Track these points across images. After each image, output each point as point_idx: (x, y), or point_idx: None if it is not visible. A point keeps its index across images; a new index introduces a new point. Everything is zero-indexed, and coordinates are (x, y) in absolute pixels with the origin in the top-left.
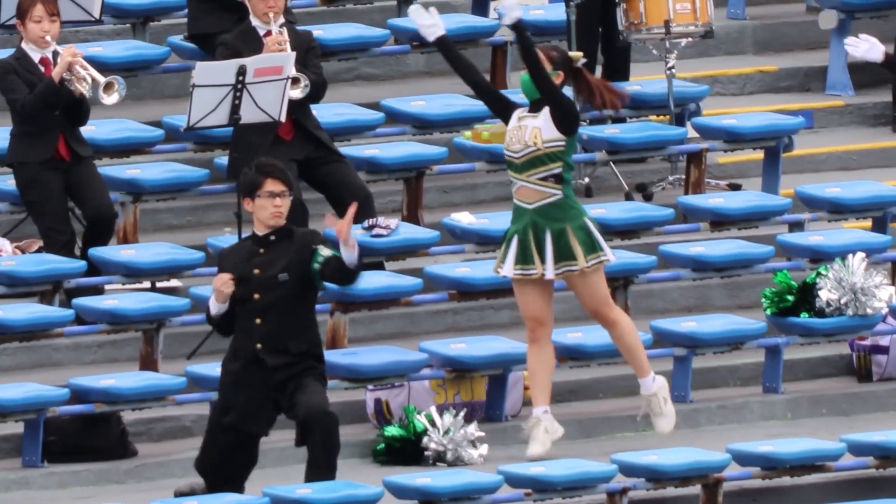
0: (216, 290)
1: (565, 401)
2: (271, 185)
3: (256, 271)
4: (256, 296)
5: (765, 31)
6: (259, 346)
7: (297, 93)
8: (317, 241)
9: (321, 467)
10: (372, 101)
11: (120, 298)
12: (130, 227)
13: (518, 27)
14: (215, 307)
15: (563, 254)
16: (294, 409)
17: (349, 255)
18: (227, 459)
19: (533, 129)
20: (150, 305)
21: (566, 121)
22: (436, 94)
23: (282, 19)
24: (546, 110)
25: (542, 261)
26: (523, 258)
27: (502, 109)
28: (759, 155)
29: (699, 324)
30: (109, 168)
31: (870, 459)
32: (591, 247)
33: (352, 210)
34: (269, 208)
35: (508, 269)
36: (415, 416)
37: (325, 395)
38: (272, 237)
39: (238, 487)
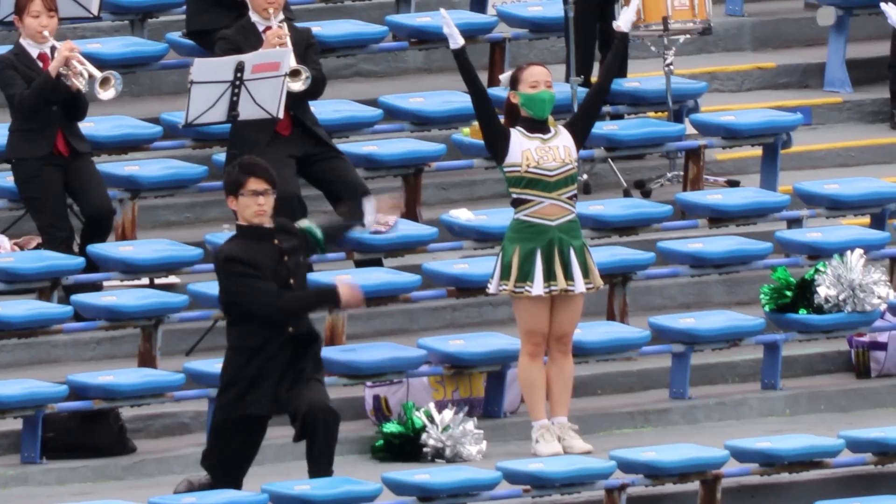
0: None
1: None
2: (254, 184)
3: (286, 258)
4: (292, 281)
5: (763, 27)
6: (291, 329)
7: (297, 85)
8: (292, 226)
9: (323, 462)
10: (370, 97)
11: (118, 295)
12: (129, 223)
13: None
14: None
15: (585, 271)
16: (295, 402)
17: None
18: (239, 457)
19: (565, 148)
20: (148, 302)
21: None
22: (434, 91)
23: (281, 15)
24: (565, 131)
25: (568, 276)
26: (549, 275)
27: (499, 137)
28: (758, 151)
29: (697, 320)
30: (108, 165)
31: (868, 456)
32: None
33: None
34: (253, 206)
35: (539, 288)
36: (413, 412)
37: (326, 391)
38: (271, 228)
39: (237, 483)
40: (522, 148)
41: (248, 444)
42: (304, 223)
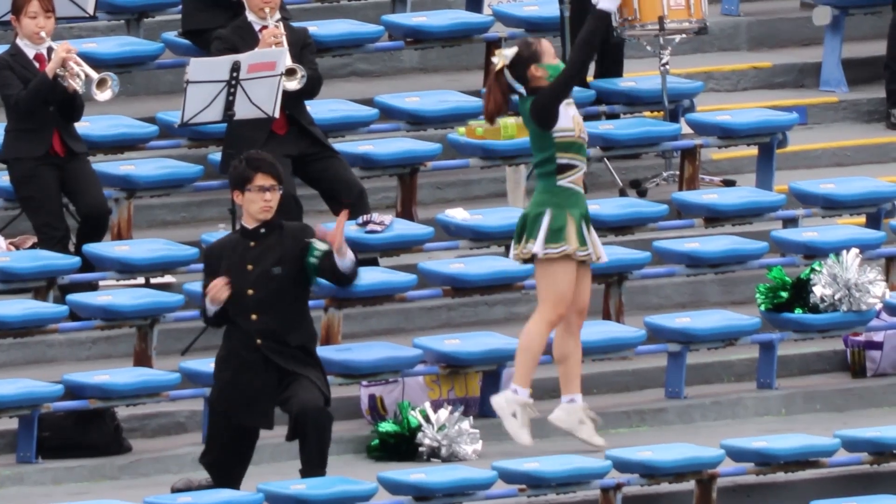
0: (212, 297)
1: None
2: (261, 180)
3: (250, 267)
4: (250, 291)
5: (759, 27)
6: (259, 341)
7: (293, 84)
8: (309, 234)
9: (314, 464)
10: (366, 97)
11: (114, 294)
12: (124, 223)
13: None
14: (211, 308)
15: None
16: (288, 402)
17: (342, 262)
18: (232, 454)
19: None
20: (144, 301)
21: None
22: (430, 91)
23: (278, 15)
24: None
25: (596, 245)
26: (582, 241)
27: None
28: (753, 151)
29: (693, 320)
30: (103, 164)
31: (864, 455)
32: None
33: (342, 219)
34: (259, 202)
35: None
36: (409, 412)
37: (320, 392)
38: (262, 230)
39: (236, 483)
40: (570, 113)
41: (240, 444)
42: (317, 243)
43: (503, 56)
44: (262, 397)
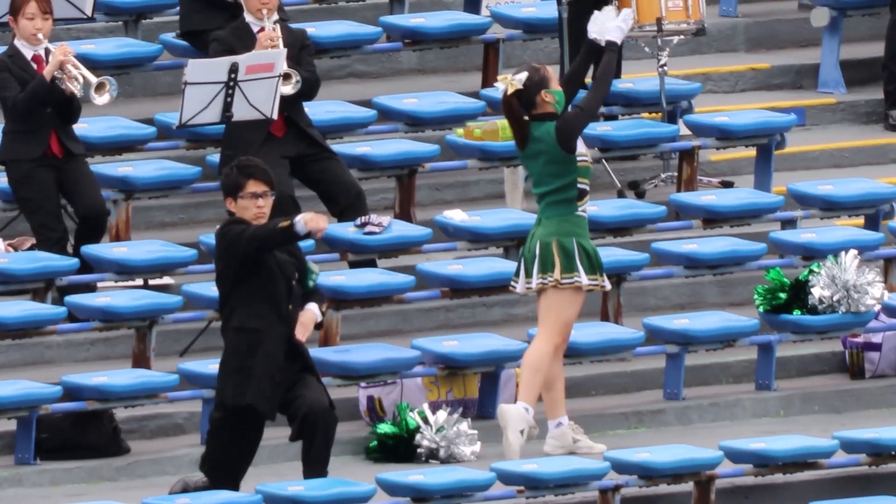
0: (314, 222)
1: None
2: (253, 186)
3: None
4: (294, 282)
5: (757, 28)
6: (289, 331)
7: (288, 88)
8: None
9: (318, 463)
10: (364, 98)
11: (112, 296)
12: (123, 224)
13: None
14: (301, 230)
15: None
16: (295, 402)
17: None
18: (233, 453)
19: None
20: (142, 303)
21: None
22: (428, 92)
23: (276, 16)
24: None
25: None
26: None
27: None
28: (752, 152)
29: (692, 321)
30: (102, 165)
31: (862, 457)
32: None
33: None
34: (252, 209)
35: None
36: (407, 413)
37: (326, 393)
38: None
39: (235, 484)
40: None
41: (245, 442)
42: (312, 265)
43: (513, 81)
44: (279, 388)
